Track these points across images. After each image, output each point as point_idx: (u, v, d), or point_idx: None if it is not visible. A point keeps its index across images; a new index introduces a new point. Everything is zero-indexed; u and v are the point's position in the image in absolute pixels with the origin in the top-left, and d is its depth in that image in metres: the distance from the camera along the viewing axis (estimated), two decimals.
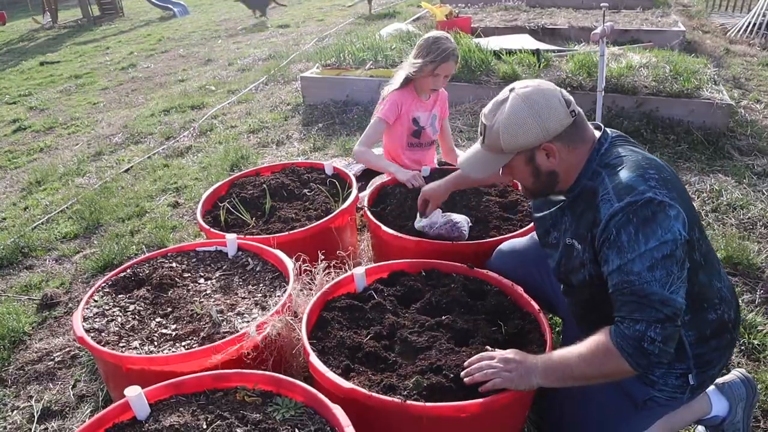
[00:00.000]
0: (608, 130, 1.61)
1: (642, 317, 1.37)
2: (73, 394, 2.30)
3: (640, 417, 1.62)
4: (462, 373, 1.56)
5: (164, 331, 1.91)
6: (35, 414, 2.21)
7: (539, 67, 4.85)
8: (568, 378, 1.48)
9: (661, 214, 1.37)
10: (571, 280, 1.65)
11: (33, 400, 2.29)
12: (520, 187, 1.88)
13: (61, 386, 2.35)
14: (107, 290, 2.13)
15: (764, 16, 6.96)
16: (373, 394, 1.52)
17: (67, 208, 3.90)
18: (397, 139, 2.99)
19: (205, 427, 1.42)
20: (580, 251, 1.56)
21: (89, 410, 2.21)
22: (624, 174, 1.46)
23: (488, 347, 1.67)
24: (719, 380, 1.82)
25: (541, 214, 1.77)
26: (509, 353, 1.55)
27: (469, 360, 1.58)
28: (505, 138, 1.53)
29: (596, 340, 1.45)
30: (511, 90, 1.55)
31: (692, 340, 1.54)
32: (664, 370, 1.57)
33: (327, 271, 2.12)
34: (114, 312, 2.01)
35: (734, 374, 1.85)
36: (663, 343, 1.37)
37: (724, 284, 1.61)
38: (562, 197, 1.66)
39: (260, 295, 2.06)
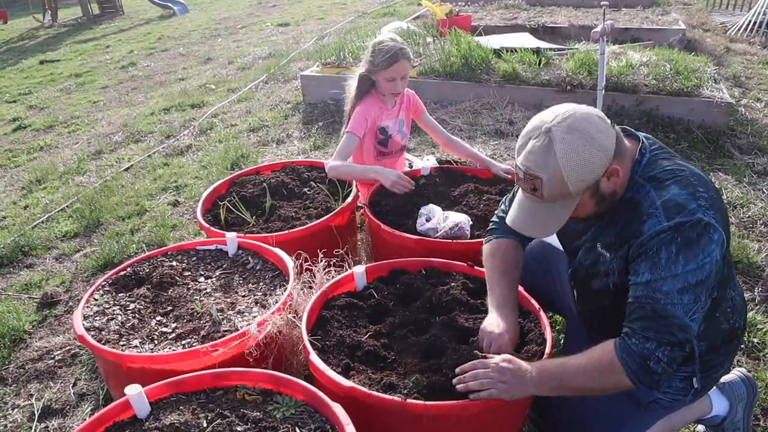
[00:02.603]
0: (644, 139, 1.53)
1: (655, 336, 1.36)
2: (74, 393, 2.30)
3: (642, 418, 1.63)
4: (455, 380, 1.53)
5: (164, 329, 1.92)
6: (36, 412, 2.22)
7: (539, 65, 4.85)
8: (564, 388, 1.47)
9: (705, 237, 1.34)
10: (591, 284, 1.62)
11: (33, 398, 2.29)
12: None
13: (62, 385, 2.36)
14: (107, 289, 2.13)
15: (764, 14, 6.95)
16: (373, 392, 1.53)
17: (67, 206, 3.90)
18: (365, 151, 2.89)
19: (205, 425, 1.42)
20: (608, 260, 1.53)
21: (89, 409, 2.21)
22: (674, 191, 1.40)
23: (477, 352, 1.64)
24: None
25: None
26: (504, 362, 1.50)
27: (462, 367, 1.54)
28: (572, 180, 1.38)
29: (598, 353, 1.43)
30: (548, 131, 1.39)
31: (703, 349, 1.54)
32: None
33: (327, 269, 2.12)
34: (114, 310, 2.01)
35: (735, 374, 1.85)
36: (668, 364, 1.37)
37: (737, 292, 1.61)
38: None
39: (260, 293, 2.06)
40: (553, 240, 1.90)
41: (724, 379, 1.83)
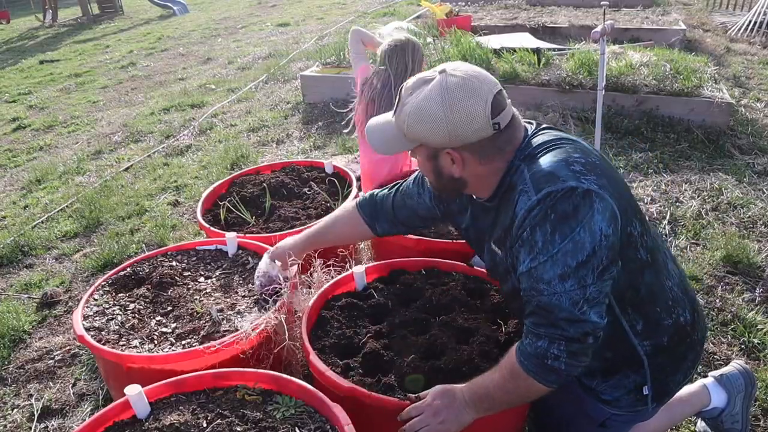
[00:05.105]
0: (529, 125, 1.40)
1: (545, 333, 1.24)
2: (73, 393, 2.30)
3: None
4: None
5: (164, 329, 1.91)
6: (35, 412, 2.21)
7: (539, 65, 4.84)
8: (492, 407, 1.38)
9: (584, 207, 1.18)
10: (503, 288, 1.53)
11: (33, 398, 2.29)
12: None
13: (62, 385, 2.35)
14: (107, 289, 2.13)
15: (765, 14, 6.95)
16: (373, 393, 1.53)
17: (67, 206, 3.90)
18: (384, 170, 2.70)
19: (205, 425, 1.42)
20: (502, 258, 1.41)
21: (89, 409, 2.21)
22: (544, 161, 1.26)
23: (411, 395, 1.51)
24: (717, 372, 1.82)
25: (460, 214, 1.62)
26: (436, 400, 1.40)
27: (399, 417, 1.43)
28: (409, 125, 1.33)
29: (505, 363, 1.35)
30: (442, 72, 1.31)
31: (649, 350, 1.41)
32: (611, 384, 1.46)
33: (327, 269, 2.12)
34: (114, 310, 2.01)
35: (733, 366, 1.84)
36: (569, 357, 1.24)
37: (673, 282, 1.44)
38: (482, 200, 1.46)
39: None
40: None
41: (721, 371, 1.82)
